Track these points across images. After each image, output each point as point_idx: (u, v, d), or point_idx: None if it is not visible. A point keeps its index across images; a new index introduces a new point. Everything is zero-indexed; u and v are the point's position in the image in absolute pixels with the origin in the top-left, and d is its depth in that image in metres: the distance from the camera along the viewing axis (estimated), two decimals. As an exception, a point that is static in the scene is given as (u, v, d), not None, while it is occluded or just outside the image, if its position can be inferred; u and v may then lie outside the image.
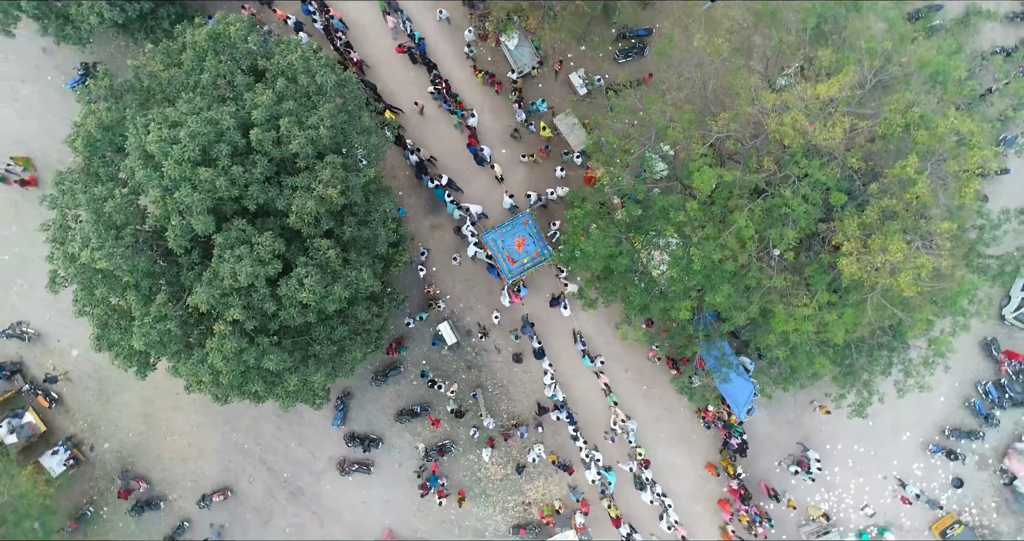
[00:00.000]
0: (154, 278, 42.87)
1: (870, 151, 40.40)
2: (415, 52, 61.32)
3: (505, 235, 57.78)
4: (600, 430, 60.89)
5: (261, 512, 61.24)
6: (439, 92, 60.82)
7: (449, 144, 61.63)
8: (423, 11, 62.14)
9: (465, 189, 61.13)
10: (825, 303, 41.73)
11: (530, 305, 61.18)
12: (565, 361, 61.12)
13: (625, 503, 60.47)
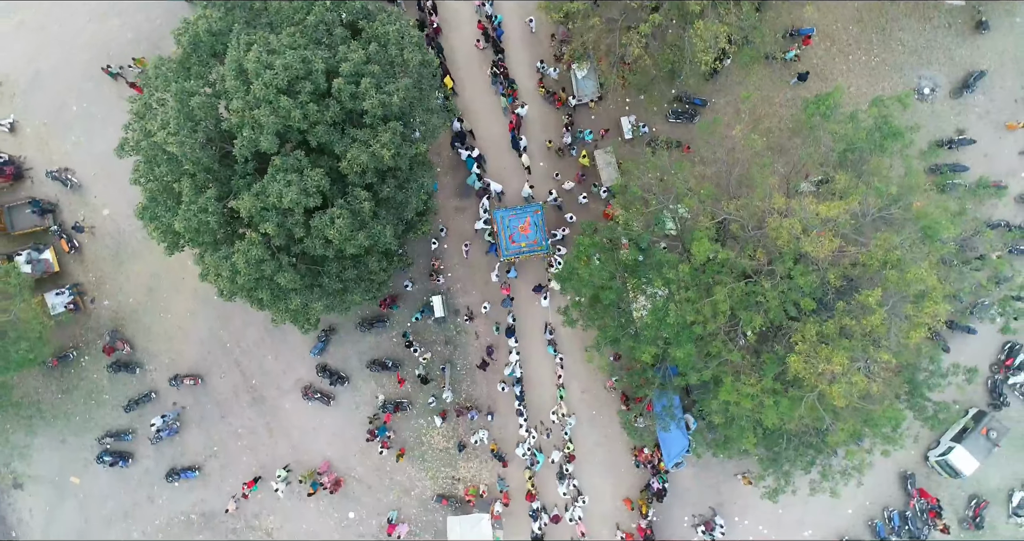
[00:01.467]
0: (210, 174, 50.85)
1: (850, 273, 47.36)
2: (491, 33, 69.39)
3: (515, 217, 65.84)
4: (543, 415, 69.08)
5: (221, 407, 69.92)
6: (497, 75, 68.95)
7: (490, 123, 70.09)
8: (515, 9, 70.13)
9: (492, 167, 69.62)
10: (769, 388, 48.95)
11: (515, 289, 69.39)
12: (531, 345, 69.36)
13: (542, 486, 68.72)
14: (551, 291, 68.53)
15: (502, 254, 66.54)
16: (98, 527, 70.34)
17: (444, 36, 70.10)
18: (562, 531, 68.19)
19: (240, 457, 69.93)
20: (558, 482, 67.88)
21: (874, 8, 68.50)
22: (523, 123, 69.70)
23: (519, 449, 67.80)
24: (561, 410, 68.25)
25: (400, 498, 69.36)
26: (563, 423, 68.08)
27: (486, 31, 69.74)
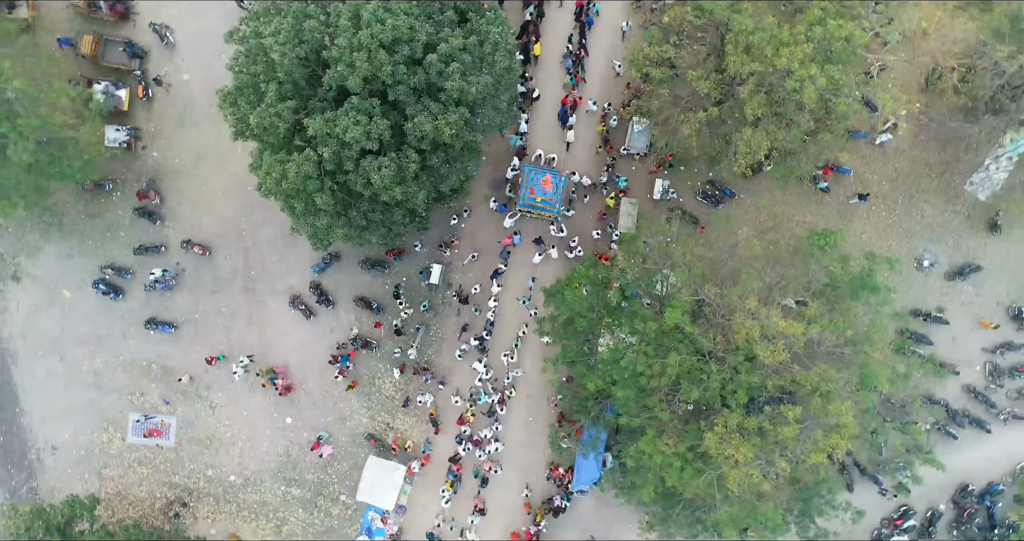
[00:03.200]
0: (295, 88, 60.37)
1: (786, 386, 56.87)
2: (583, 19, 79.09)
3: (540, 172, 75.28)
4: (500, 353, 79.51)
5: (216, 283, 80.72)
6: (570, 53, 79.15)
7: (546, 93, 79.90)
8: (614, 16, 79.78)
9: (534, 133, 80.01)
10: (681, 453, 58.74)
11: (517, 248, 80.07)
12: (509, 292, 79.81)
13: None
14: (547, 251, 78.98)
15: (518, 203, 76.32)
16: (69, 341, 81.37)
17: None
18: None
19: (215, 332, 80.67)
20: (486, 418, 78.94)
21: (911, 175, 78.29)
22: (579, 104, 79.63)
23: (477, 364, 78.51)
24: (513, 358, 78.38)
25: (335, 423, 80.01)
26: (510, 368, 78.61)
27: (580, 11, 79.33)
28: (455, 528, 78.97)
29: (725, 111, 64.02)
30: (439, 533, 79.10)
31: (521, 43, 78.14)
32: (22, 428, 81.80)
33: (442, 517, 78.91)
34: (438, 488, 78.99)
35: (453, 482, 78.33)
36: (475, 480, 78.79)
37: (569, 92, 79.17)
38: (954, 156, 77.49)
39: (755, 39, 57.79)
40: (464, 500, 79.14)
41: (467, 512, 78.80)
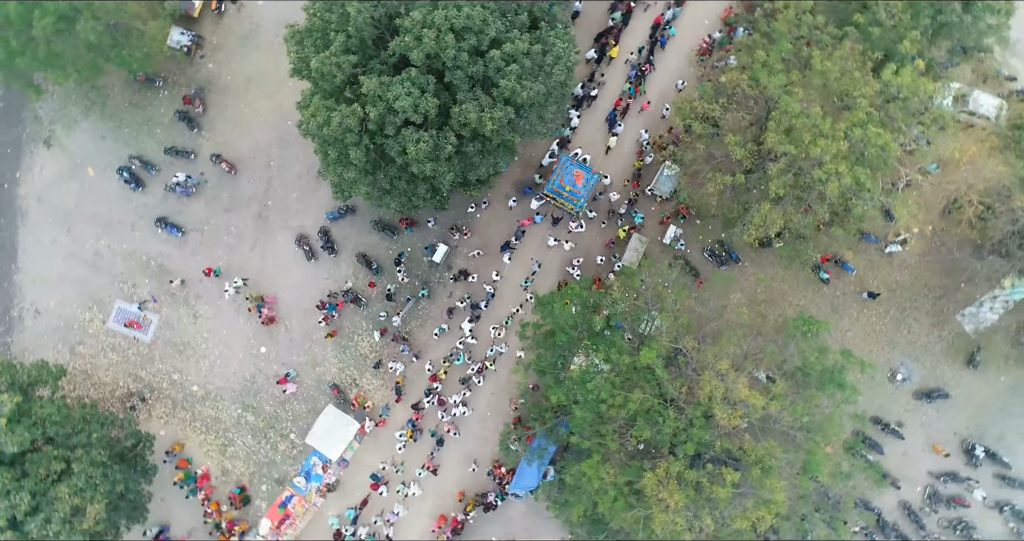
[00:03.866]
0: (361, 44, 63.52)
1: (733, 451, 60.35)
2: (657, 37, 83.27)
3: (576, 165, 79.15)
4: (489, 325, 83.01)
5: (233, 202, 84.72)
6: (638, 66, 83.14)
7: (604, 93, 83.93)
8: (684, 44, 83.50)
9: (580, 133, 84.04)
10: (619, 484, 61.91)
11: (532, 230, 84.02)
12: (514, 270, 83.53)
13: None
14: (566, 237, 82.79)
15: (546, 187, 79.85)
16: (80, 217, 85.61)
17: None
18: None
19: (218, 248, 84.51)
20: (459, 384, 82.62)
21: (909, 290, 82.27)
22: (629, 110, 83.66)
23: (465, 324, 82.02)
24: (500, 333, 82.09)
25: (306, 365, 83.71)
26: (496, 342, 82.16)
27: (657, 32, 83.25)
28: (401, 472, 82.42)
29: (751, 180, 67.29)
30: (384, 475, 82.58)
31: (599, 43, 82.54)
32: (13, 285, 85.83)
33: (391, 461, 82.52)
34: (384, 452, 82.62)
35: (413, 432, 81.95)
36: (432, 439, 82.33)
37: (624, 98, 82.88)
38: (954, 284, 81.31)
39: (798, 123, 60.92)
40: (417, 454, 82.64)
41: (416, 465, 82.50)
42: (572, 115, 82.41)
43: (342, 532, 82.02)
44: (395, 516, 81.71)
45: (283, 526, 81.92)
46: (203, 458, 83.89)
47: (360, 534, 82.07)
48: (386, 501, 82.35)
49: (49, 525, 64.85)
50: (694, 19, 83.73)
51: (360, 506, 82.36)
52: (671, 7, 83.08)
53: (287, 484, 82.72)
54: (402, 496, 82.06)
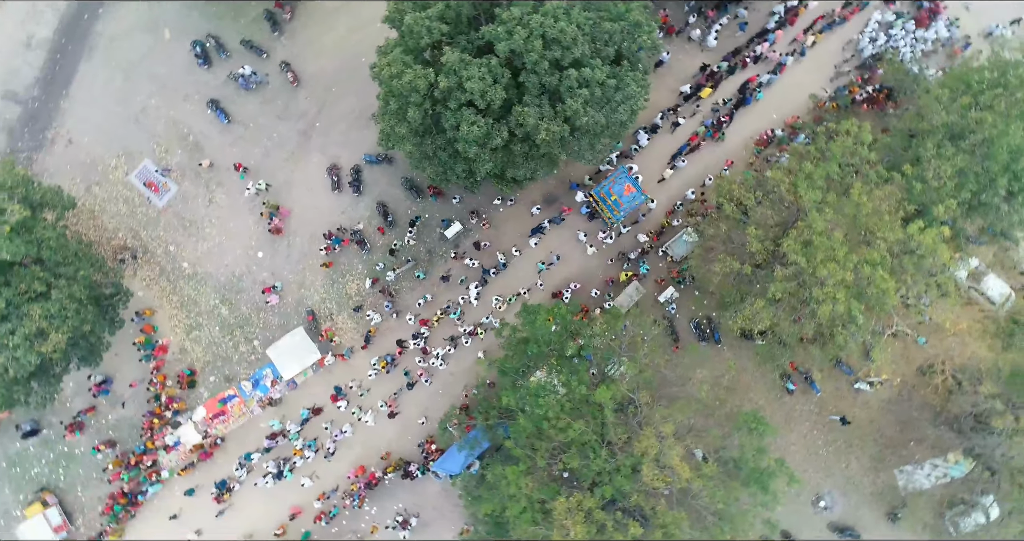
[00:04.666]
0: (456, 18, 67.37)
1: (647, 509, 64.35)
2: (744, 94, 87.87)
3: (629, 180, 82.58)
4: (493, 295, 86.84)
5: (285, 111, 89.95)
6: (719, 114, 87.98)
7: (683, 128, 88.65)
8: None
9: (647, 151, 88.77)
10: (533, 498, 66.10)
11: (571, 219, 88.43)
12: (534, 253, 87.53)
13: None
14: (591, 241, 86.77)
15: (594, 189, 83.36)
16: (141, 71, 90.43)
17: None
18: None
19: (256, 147, 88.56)
20: (446, 342, 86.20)
21: (862, 430, 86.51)
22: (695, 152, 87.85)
23: (471, 291, 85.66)
24: (502, 306, 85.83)
25: (293, 283, 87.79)
26: (495, 313, 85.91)
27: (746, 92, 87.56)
28: (364, 396, 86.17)
29: (757, 275, 70.89)
30: (348, 394, 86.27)
31: (697, 81, 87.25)
32: (58, 109, 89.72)
33: (359, 383, 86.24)
34: (355, 373, 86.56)
35: (388, 364, 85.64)
36: (404, 378, 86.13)
37: (700, 135, 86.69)
38: (903, 439, 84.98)
39: (817, 240, 64.14)
40: (383, 388, 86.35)
41: (379, 398, 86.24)
42: (643, 137, 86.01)
43: (277, 431, 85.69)
44: (342, 435, 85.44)
45: (215, 420, 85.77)
46: (167, 331, 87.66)
47: (297, 437, 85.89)
48: (339, 418, 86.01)
49: (11, 336, 68.21)
50: (777, 100, 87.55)
51: (313, 412, 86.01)
52: (769, 73, 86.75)
53: (234, 384, 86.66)
54: (356, 419, 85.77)
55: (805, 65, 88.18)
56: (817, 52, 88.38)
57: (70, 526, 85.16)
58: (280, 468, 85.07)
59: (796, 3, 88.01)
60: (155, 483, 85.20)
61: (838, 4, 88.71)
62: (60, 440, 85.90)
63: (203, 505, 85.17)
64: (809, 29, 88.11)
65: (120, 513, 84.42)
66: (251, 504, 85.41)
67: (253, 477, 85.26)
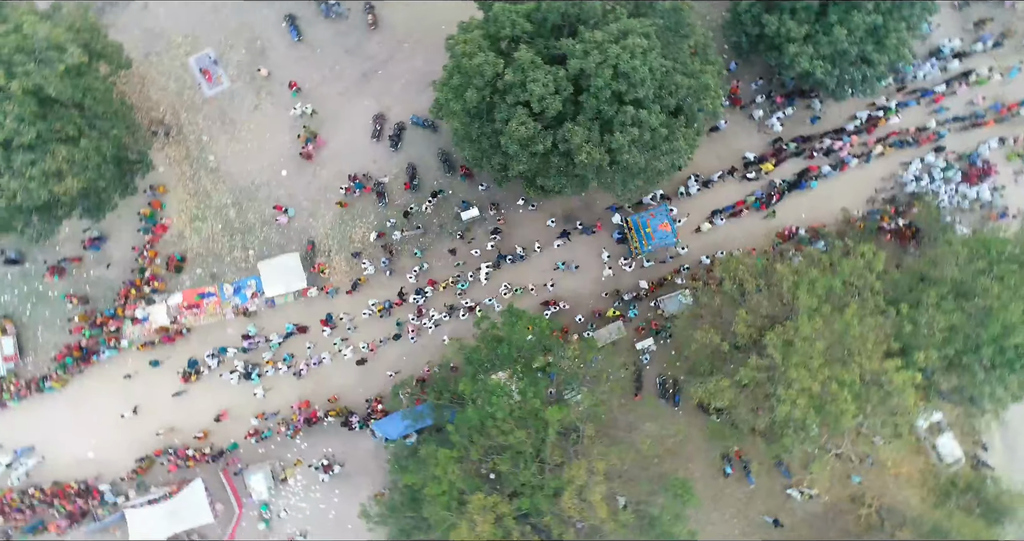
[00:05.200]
0: (541, 21, 69.45)
1: (555, 533, 67.75)
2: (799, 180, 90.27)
3: (667, 220, 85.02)
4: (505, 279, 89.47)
5: (354, 49, 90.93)
6: (772, 190, 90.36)
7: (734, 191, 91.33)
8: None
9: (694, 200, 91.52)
10: (455, 484, 68.19)
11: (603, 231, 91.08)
12: (554, 254, 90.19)
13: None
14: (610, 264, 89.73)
15: (632, 216, 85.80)
16: None
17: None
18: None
19: (316, 74, 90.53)
20: (444, 309, 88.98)
21: (779, 533, 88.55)
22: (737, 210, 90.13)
23: (482, 271, 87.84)
24: (509, 293, 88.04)
25: (306, 211, 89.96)
26: (500, 298, 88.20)
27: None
28: (351, 332, 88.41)
29: (732, 355, 73.10)
30: (338, 323, 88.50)
31: (761, 154, 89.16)
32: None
33: (349, 317, 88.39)
34: (306, 320, 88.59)
35: (383, 309, 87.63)
36: (396, 327, 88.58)
37: (747, 204, 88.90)
38: None
39: (798, 344, 66.39)
40: (371, 331, 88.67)
41: (364, 339, 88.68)
42: (693, 186, 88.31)
43: (252, 336, 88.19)
44: (318, 363, 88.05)
45: (188, 310, 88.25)
46: (173, 212, 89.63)
47: (277, 346, 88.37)
48: (320, 344, 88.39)
49: (31, 167, 69.69)
50: (812, 202, 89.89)
51: (298, 329, 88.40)
52: (830, 167, 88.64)
53: (217, 284, 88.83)
54: (336, 350, 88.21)
55: (851, 177, 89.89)
56: (875, 166, 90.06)
57: (19, 360, 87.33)
58: (249, 370, 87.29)
59: (880, 114, 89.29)
60: (112, 348, 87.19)
61: (917, 123, 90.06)
62: (38, 278, 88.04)
63: (159, 381, 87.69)
64: (882, 140, 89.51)
65: (70, 365, 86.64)
66: (202, 398, 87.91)
67: (221, 369, 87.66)
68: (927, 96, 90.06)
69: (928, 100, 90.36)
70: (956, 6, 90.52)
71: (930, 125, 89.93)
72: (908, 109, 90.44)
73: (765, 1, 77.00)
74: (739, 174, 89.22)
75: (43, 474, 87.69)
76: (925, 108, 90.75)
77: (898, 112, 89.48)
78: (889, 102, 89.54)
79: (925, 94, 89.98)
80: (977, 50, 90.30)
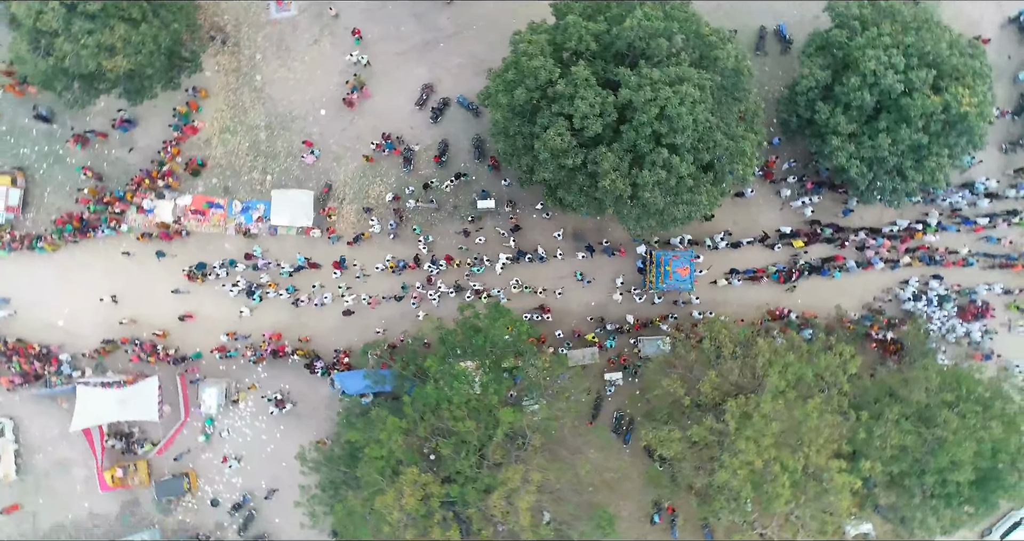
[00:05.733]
0: (607, 44, 70.77)
1: (476, 526, 70.19)
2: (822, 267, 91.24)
3: (690, 265, 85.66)
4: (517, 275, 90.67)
5: (423, 16, 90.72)
6: (793, 264, 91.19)
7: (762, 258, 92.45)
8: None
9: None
10: (394, 454, 70.66)
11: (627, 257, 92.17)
12: (576, 265, 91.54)
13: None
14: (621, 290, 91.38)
15: (656, 251, 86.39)
16: None
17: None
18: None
19: (379, 27, 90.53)
20: (452, 286, 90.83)
21: None
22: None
23: (503, 259, 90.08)
24: (520, 287, 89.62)
25: (332, 156, 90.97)
26: (508, 291, 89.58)
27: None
28: (361, 278, 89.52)
29: (691, 411, 75.65)
30: (348, 270, 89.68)
31: (796, 230, 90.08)
32: None
33: (362, 268, 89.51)
34: (314, 257, 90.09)
35: (396, 265, 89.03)
36: (400, 292, 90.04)
37: (768, 273, 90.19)
38: None
39: (756, 419, 68.57)
40: (380, 284, 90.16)
41: (368, 289, 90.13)
42: (721, 240, 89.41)
43: (255, 257, 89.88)
44: (320, 304, 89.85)
45: (194, 215, 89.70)
46: (207, 118, 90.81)
47: (287, 275, 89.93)
48: (328, 284, 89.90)
49: (88, 36, 71.19)
50: (814, 290, 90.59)
51: (309, 265, 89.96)
52: (855, 262, 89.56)
53: (227, 198, 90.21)
54: (339, 293, 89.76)
55: (860, 278, 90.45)
56: (883, 275, 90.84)
57: (20, 214, 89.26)
58: (252, 288, 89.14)
59: (919, 227, 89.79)
60: (111, 229, 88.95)
61: (950, 242, 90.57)
62: (62, 142, 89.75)
63: (148, 273, 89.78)
64: (912, 251, 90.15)
65: (67, 233, 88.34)
66: (190, 301, 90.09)
67: (226, 280, 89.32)
68: (968, 224, 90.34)
69: (968, 228, 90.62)
70: (1004, 149, 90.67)
71: (961, 251, 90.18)
72: (947, 232, 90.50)
73: (825, 89, 77.72)
74: (769, 242, 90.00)
75: (11, 328, 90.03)
76: (964, 235, 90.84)
77: (937, 231, 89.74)
78: (930, 218, 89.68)
79: (966, 222, 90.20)
80: (1010, 195, 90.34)
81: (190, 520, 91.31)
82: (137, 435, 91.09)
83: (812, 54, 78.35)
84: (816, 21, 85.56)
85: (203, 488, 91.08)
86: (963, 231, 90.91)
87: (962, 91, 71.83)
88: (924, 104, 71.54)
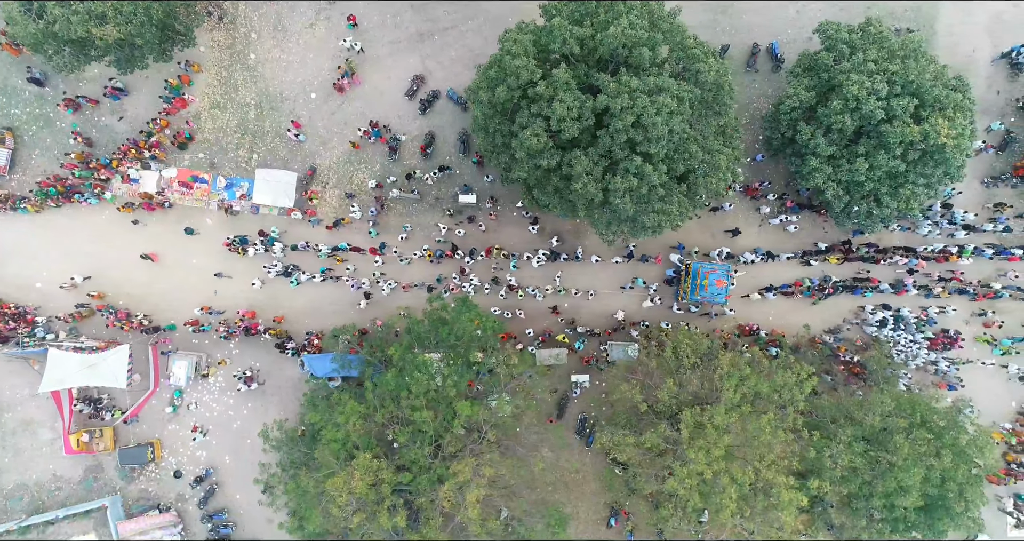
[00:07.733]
0: (591, 49, 71.04)
1: (425, 513, 71.14)
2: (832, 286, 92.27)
3: (725, 278, 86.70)
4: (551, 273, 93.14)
5: (421, 5, 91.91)
6: (827, 282, 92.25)
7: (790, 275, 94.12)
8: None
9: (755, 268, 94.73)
10: (352, 439, 72.45)
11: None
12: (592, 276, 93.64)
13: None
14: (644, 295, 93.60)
15: (694, 263, 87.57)
16: None
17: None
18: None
19: (375, 15, 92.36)
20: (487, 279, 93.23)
21: None
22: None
23: (534, 259, 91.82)
24: (551, 289, 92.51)
25: (318, 140, 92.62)
26: (542, 289, 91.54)
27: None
28: (403, 263, 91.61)
29: (646, 417, 77.14)
30: (387, 256, 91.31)
31: (831, 245, 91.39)
32: None
33: (400, 253, 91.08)
34: (302, 236, 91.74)
35: (434, 256, 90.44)
36: (436, 284, 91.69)
37: (803, 286, 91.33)
38: None
39: (709, 430, 70.09)
40: (417, 271, 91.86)
41: (403, 276, 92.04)
42: (751, 255, 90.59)
43: (269, 234, 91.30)
44: (357, 287, 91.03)
45: (176, 189, 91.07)
46: (198, 93, 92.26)
47: (326, 256, 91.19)
48: (363, 270, 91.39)
49: (78, 2, 72.56)
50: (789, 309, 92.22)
51: (351, 248, 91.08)
52: (888, 285, 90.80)
53: (212, 173, 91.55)
54: (373, 279, 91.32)
55: (827, 305, 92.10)
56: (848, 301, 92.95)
57: (7, 173, 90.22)
58: (289, 271, 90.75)
59: (954, 251, 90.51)
60: (94, 196, 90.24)
61: (984, 272, 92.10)
62: (52, 106, 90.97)
63: (126, 243, 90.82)
64: (945, 281, 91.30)
65: (50, 196, 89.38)
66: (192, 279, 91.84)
67: (262, 259, 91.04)
68: (1004, 254, 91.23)
69: (1003, 258, 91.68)
70: (986, 183, 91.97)
71: (995, 285, 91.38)
72: (981, 259, 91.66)
73: (809, 110, 79.20)
74: (806, 258, 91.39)
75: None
76: (994, 263, 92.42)
77: (972, 255, 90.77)
78: (968, 244, 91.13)
79: (1002, 252, 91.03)
80: (987, 229, 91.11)
81: (152, 489, 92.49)
82: (106, 402, 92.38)
83: (799, 75, 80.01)
84: (809, 42, 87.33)
85: (167, 459, 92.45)
86: (996, 260, 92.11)
87: (942, 123, 73.02)
88: (903, 132, 72.91)
